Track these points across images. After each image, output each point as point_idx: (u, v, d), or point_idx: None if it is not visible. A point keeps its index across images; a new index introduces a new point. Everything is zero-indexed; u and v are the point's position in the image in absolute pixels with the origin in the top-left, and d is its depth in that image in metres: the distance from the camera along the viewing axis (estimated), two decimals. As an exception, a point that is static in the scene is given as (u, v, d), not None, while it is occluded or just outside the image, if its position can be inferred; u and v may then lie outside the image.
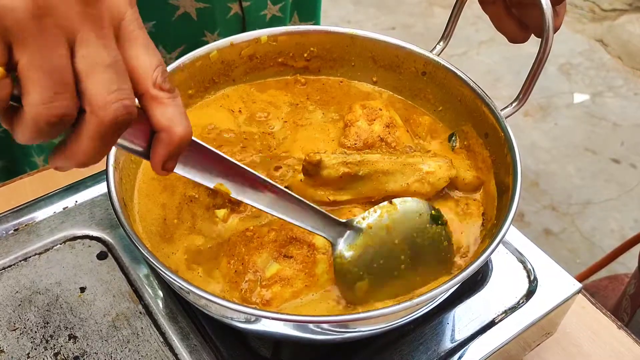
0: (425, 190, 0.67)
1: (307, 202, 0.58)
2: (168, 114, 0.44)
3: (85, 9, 0.40)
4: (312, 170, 0.64)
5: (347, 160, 0.65)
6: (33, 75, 0.38)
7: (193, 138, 0.48)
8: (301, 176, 0.66)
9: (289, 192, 0.57)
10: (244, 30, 1.01)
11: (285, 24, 1.05)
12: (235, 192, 0.55)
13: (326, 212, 0.59)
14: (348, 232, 0.61)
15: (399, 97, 0.82)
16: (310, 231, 0.59)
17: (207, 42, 0.97)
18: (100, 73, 0.40)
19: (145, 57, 0.44)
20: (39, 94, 0.39)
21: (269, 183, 0.56)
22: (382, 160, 0.67)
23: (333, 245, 0.61)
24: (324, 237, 0.60)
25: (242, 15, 0.99)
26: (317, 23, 1.12)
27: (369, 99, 0.80)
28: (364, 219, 0.61)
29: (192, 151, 0.50)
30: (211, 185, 0.53)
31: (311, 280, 0.61)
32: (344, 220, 0.61)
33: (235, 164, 0.54)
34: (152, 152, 0.45)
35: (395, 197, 0.64)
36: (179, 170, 0.50)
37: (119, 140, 0.44)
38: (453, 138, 0.76)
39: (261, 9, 1.01)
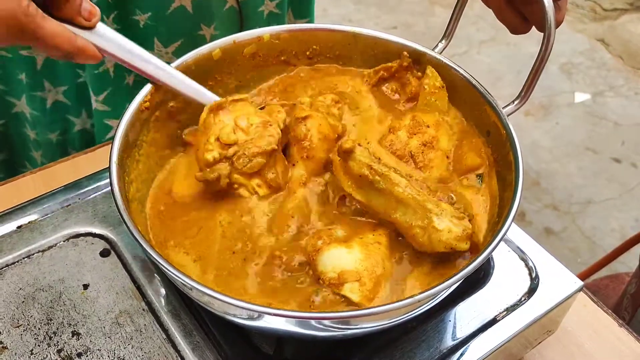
0: (423, 242, 0.62)
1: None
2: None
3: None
4: (342, 155, 0.65)
5: (373, 166, 0.64)
6: None
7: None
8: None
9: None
10: (241, 25, 1.01)
11: (284, 21, 1.05)
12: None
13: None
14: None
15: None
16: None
17: (203, 36, 0.98)
18: None
19: None
20: None
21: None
22: (403, 187, 0.63)
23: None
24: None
25: (239, 9, 0.99)
26: (311, 21, 1.12)
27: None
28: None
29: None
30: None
31: None
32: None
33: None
34: None
35: (397, 228, 0.64)
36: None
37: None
38: (479, 178, 0.72)
39: (258, 4, 1.01)
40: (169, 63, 0.70)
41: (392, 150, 0.72)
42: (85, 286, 0.70)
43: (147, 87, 0.70)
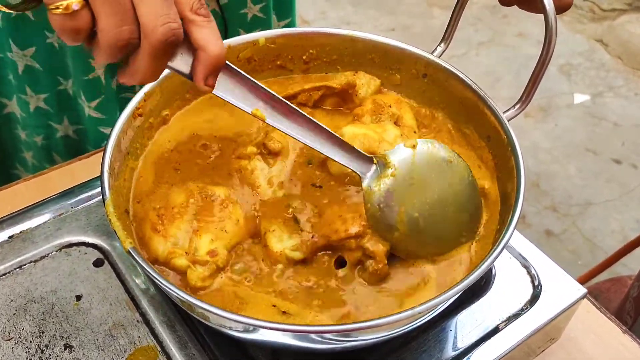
0: None
1: (338, 135, 0.62)
2: (204, 34, 0.50)
3: None
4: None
5: None
6: (101, 7, 0.46)
7: (229, 64, 0.55)
8: None
9: (321, 124, 0.61)
10: (225, 29, 1.00)
11: (269, 25, 1.03)
12: (271, 119, 0.59)
13: (355, 148, 0.63)
14: (374, 167, 0.63)
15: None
16: (339, 162, 0.62)
17: None
18: (149, 1, 0.47)
19: None
20: (107, 22, 0.46)
21: (303, 114, 0.60)
22: None
23: (362, 179, 0.63)
24: (353, 170, 0.63)
25: (221, 12, 0.97)
26: (293, 20, 1.10)
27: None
28: (389, 155, 0.63)
29: (230, 75, 0.56)
30: (249, 110, 0.58)
31: None
32: (370, 155, 0.63)
33: (272, 92, 0.58)
34: (194, 69, 0.52)
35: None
36: (219, 91, 0.55)
37: (169, 64, 0.51)
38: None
39: (241, 7, 0.99)
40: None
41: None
42: (78, 297, 0.68)
43: (140, 94, 0.69)
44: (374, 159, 0.63)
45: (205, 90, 0.53)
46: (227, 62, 0.54)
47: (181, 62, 0.52)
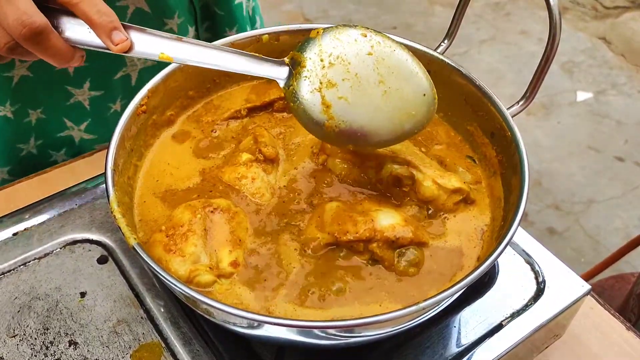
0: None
1: (245, 52, 0.63)
2: (80, 10, 0.58)
3: None
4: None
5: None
6: None
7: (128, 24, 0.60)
8: None
9: (226, 47, 0.62)
10: (194, 8, 0.98)
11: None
12: (176, 57, 0.60)
13: (264, 57, 0.63)
14: (287, 68, 0.62)
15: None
16: (254, 74, 0.62)
17: (171, 29, 0.95)
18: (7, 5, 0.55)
19: None
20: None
21: (209, 44, 0.62)
22: None
23: (280, 84, 0.63)
24: (269, 77, 0.63)
25: None
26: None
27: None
28: (297, 52, 0.62)
29: (133, 30, 0.60)
30: (156, 57, 0.60)
31: None
32: (281, 60, 0.63)
33: (174, 35, 0.61)
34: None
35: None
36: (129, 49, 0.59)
37: (75, 39, 0.59)
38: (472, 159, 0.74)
39: None
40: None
41: None
42: (83, 294, 0.69)
43: (144, 91, 0.69)
44: (286, 60, 0.63)
45: (115, 50, 0.58)
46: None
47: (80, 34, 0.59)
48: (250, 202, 0.67)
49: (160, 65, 0.66)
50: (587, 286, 0.71)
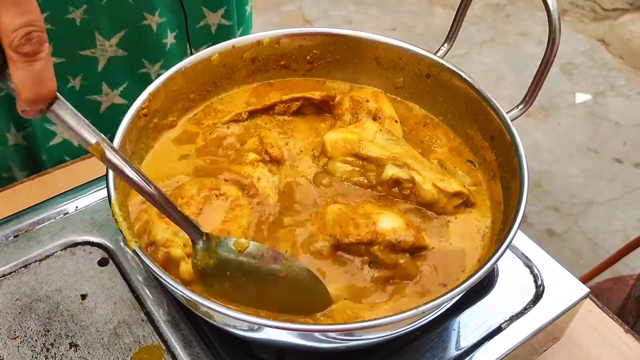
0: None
1: (177, 207, 0.57)
2: (19, 77, 0.46)
3: None
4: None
5: None
6: None
7: (62, 99, 0.49)
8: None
9: (162, 191, 0.56)
10: (184, 10, 0.98)
11: (230, 5, 1.02)
12: (109, 164, 0.53)
13: (189, 218, 0.58)
14: (201, 241, 0.59)
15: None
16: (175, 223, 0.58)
17: (149, 26, 0.94)
18: None
19: (6, 17, 0.44)
20: None
21: (145, 178, 0.55)
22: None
23: (193, 244, 0.59)
24: (187, 233, 0.59)
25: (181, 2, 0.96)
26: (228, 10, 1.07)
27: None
28: (217, 240, 0.59)
29: (59, 112, 0.50)
30: (86, 146, 0.52)
31: None
32: (203, 231, 0.59)
33: (103, 137, 0.52)
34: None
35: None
36: (55, 120, 0.50)
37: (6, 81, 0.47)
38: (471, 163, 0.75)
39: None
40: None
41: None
42: (83, 296, 0.69)
43: (145, 94, 0.69)
44: (204, 235, 0.59)
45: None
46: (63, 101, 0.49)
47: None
48: (253, 202, 0.68)
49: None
50: (585, 289, 0.72)
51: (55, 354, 0.64)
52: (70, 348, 0.64)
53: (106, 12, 0.91)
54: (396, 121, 0.76)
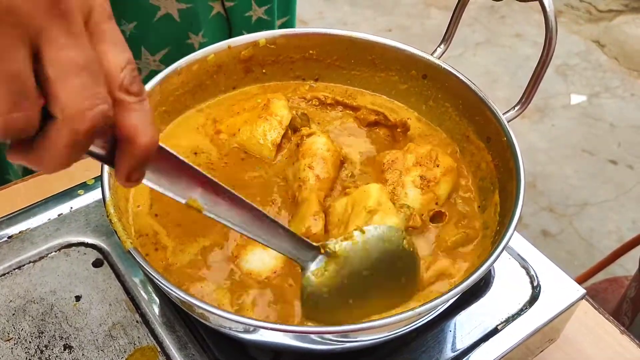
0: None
1: (282, 223, 0.55)
2: (133, 119, 0.39)
3: (54, 3, 0.35)
4: None
5: None
6: None
7: (163, 146, 0.44)
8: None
9: (264, 212, 0.53)
10: (229, 31, 1.00)
11: (273, 27, 1.03)
12: (208, 209, 0.50)
13: (300, 236, 0.56)
14: (320, 256, 0.57)
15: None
16: (281, 253, 0.56)
17: (192, 45, 0.96)
18: (73, 77, 0.35)
19: (112, 54, 0.38)
20: None
21: (244, 201, 0.51)
22: None
23: (303, 270, 0.57)
24: (295, 261, 0.57)
25: (226, 15, 0.97)
26: (292, 18, 1.10)
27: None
28: (336, 244, 0.58)
29: (161, 162, 0.45)
30: (183, 201, 0.48)
31: None
32: (316, 245, 0.57)
33: (209, 178, 0.49)
34: (116, 162, 0.41)
35: None
36: (148, 182, 0.45)
37: None
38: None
39: (246, 9, 0.99)
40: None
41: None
42: (78, 298, 0.68)
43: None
44: (321, 249, 0.57)
45: (127, 186, 0.43)
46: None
47: (99, 144, 0.40)
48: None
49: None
50: (582, 290, 0.72)
51: (50, 355, 0.64)
52: (64, 350, 0.64)
53: (154, 29, 0.94)
54: (436, 203, 0.70)
